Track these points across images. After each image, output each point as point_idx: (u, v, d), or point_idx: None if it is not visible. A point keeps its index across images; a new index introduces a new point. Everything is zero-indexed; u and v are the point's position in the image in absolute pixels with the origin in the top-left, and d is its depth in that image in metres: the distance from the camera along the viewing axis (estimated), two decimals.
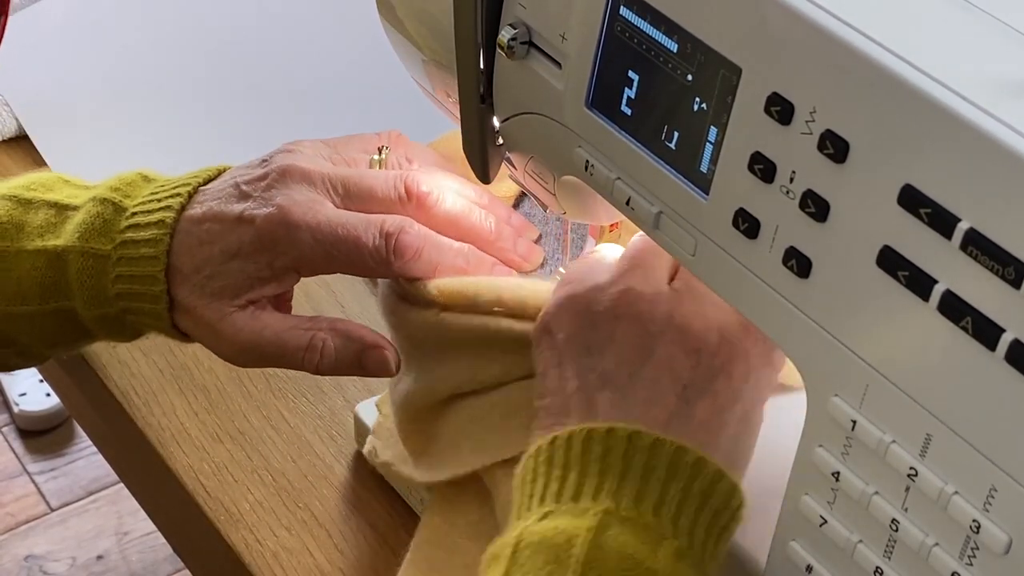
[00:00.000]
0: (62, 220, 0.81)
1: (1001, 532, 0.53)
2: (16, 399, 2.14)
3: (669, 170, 0.63)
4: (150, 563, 1.99)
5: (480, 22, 0.69)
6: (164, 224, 0.78)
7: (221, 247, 0.77)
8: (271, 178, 0.78)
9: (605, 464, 0.64)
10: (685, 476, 0.64)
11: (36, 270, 0.80)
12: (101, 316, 0.80)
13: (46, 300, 0.81)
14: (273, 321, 0.78)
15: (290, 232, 0.76)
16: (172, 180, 0.81)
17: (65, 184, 0.84)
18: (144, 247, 0.79)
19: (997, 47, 0.54)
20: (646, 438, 0.64)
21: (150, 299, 0.79)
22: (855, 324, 0.57)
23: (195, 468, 0.87)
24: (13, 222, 0.81)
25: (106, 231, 0.80)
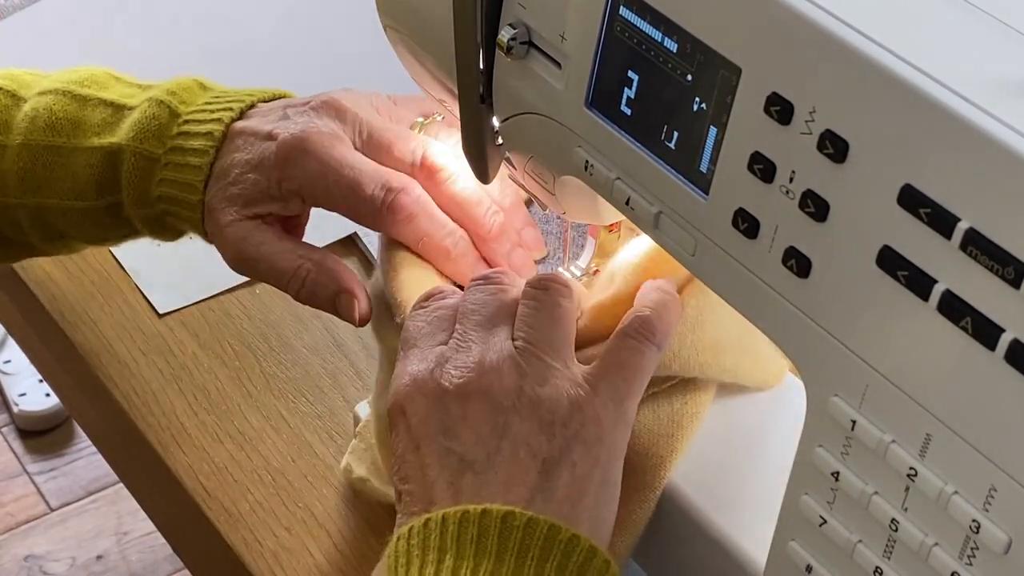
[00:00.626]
0: (118, 119, 0.84)
1: (1001, 532, 0.53)
2: (16, 399, 2.14)
3: (669, 170, 0.63)
4: (150, 563, 1.99)
5: (480, 22, 0.69)
6: (212, 136, 0.81)
7: (247, 157, 0.80)
8: (311, 105, 0.81)
9: (480, 546, 0.64)
10: (560, 554, 0.64)
11: (91, 167, 0.83)
12: (144, 215, 0.83)
13: (101, 196, 0.84)
14: (272, 238, 0.80)
15: (302, 157, 0.78)
16: (228, 92, 0.84)
17: (117, 82, 0.86)
18: (191, 155, 0.81)
19: (997, 47, 0.54)
20: (520, 518, 0.64)
21: (187, 206, 0.81)
22: (855, 324, 0.57)
23: (195, 468, 0.87)
24: (69, 118, 0.84)
25: (160, 134, 0.82)
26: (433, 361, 0.70)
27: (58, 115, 0.84)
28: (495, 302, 0.72)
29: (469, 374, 0.69)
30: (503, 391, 0.68)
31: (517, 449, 0.67)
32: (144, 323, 0.96)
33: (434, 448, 0.68)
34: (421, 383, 0.69)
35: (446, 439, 0.67)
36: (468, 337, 0.71)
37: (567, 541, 0.64)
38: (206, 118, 0.82)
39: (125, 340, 0.95)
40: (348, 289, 0.79)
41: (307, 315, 0.96)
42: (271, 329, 0.95)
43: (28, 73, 0.88)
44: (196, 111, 0.83)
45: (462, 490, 0.66)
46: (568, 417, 0.68)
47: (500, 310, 0.72)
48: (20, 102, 0.85)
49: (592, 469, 0.68)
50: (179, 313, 0.97)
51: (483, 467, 0.67)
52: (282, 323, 0.96)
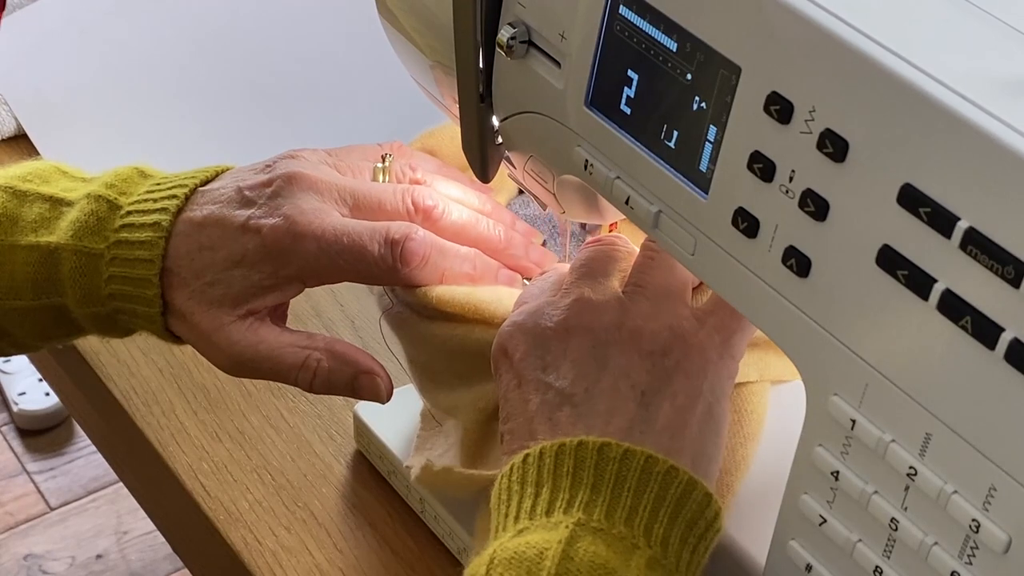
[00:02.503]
0: (56, 216, 0.80)
1: (1000, 531, 0.53)
2: (15, 398, 2.14)
3: (668, 169, 0.63)
4: (149, 562, 1.99)
5: (479, 21, 0.69)
6: (160, 227, 0.78)
7: (224, 254, 0.77)
8: (276, 185, 0.77)
9: (576, 477, 0.64)
10: (657, 485, 0.64)
11: (29, 265, 0.80)
12: (93, 314, 0.80)
13: (38, 296, 0.80)
14: (270, 336, 0.77)
15: (296, 242, 0.75)
16: (169, 178, 0.81)
17: (62, 176, 0.83)
18: (139, 249, 0.78)
19: (997, 46, 0.54)
20: (616, 449, 0.64)
21: (143, 302, 0.78)
22: (854, 323, 0.57)
23: (194, 467, 0.87)
24: (8, 215, 0.80)
25: (100, 230, 0.79)
26: (537, 308, 0.70)
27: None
28: (603, 256, 0.72)
29: (570, 311, 0.69)
30: (603, 326, 0.68)
31: (616, 381, 0.67)
32: None
33: (534, 384, 0.67)
34: (522, 324, 0.69)
35: (546, 374, 0.67)
36: (573, 284, 0.71)
37: (664, 473, 0.64)
38: (150, 207, 0.79)
39: (125, 340, 0.95)
40: (367, 369, 0.78)
41: (307, 315, 0.96)
42: None
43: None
44: (138, 201, 0.79)
45: (560, 423, 0.66)
46: (669, 347, 0.67)
47: (609, 263, 0.72)
48: None
49: (694, 401, 0.67)
50: None
51: (582, 400, 0.66)
52: None
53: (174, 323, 0.79)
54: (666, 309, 0.69)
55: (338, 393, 0.78)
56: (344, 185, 0.78)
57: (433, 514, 0.82)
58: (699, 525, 0.64)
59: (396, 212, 0.78)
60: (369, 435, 0.86)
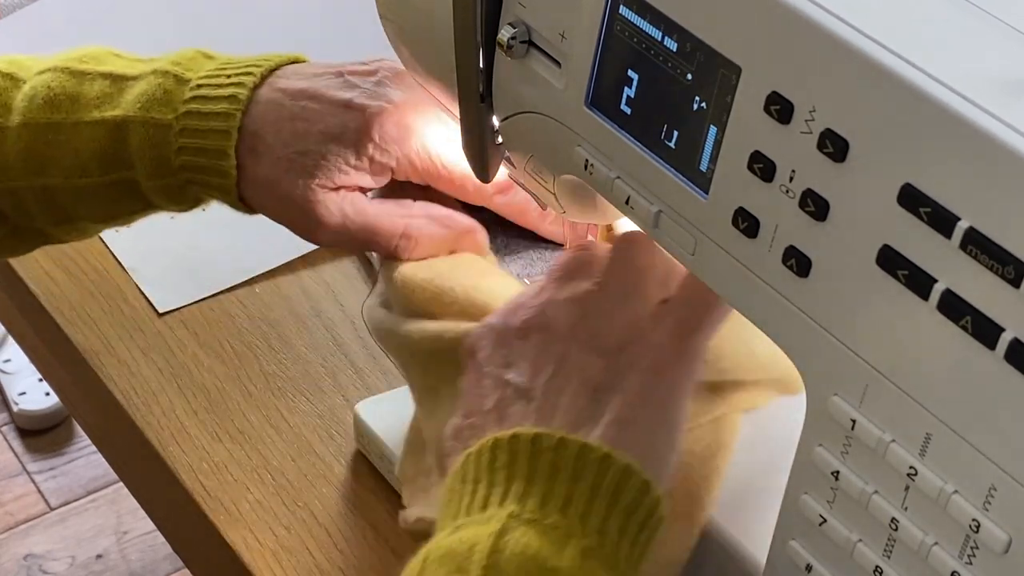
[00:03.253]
0: (119, 90, 0.80)
1: (1001, 531, 0.53)
2: (15, 398, 2.14)
3: (669, 169, 0.63)
4: (149, 562, 1.99)
5: (480, 21, 0.69)
6: (236, 99, 0.78)
7: (321, 127, 0.77)
8: (381, 75, 0.78)
9: (511, 471, 0.63)
10: (592, 474, 0.63)
11: (95, 141, 0.80)
12: (164, 186, 0.80)
13: (106, 171, 0.80)
14: (367, 206, 0.78)
15: (403, 133, 0.77)
16: (239, 59, 0.81)
17: (116, 58, 0.83)
18: (213, 120, 0.78)
19: (997, 46, 0.54)
20: (549, 439, 0.63)
21: (218, 173, 0.78)
22: (855, 323, 0.57)
23: (194, 467, 0.87)
24: (67, 93, 0.81)
25: (168, 101, 0.79)
26: (509, 309, 0.71)
27: (56, 91, 0.81)
28: (576, 260, 0.73)
29: (534, 311, 0.69)
30: (563, 324, 0.68)
31: (570, 377, 0.67)
32: (144, 322, 0.96)
33: (493, 380, 0.68)
34: (491, 326, 0.70)
35: (506, 371, 0.68)
36: (543, 286, 0.71)
37: (600, 460, 0.63)
38: (223, 81, 0.79)
39: (125, 339, 0.95)
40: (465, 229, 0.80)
41: (307, 315, 0.96)
42: (271, 328, 0.95)
43: (29, 57, 0.85)
44: (208, 76, 0.79)
45: (511, 418, 0.66)
46: (625, 344, 0.67)
47: (581, 266, 0.72)
48: (19, 83, 0.83)
49: (647, 398, 0.66)
50: (179, 312, 0.97)
51: (536, 395, 0.67)
52: (282, 322, 0.96)
53: (252, 193, 0.79)
54: (627, 307, 0.69)
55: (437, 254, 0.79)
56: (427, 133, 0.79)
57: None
58: (639, 514, 0.63)
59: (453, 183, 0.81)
60: (369, 435, 0.86)
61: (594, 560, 0.61)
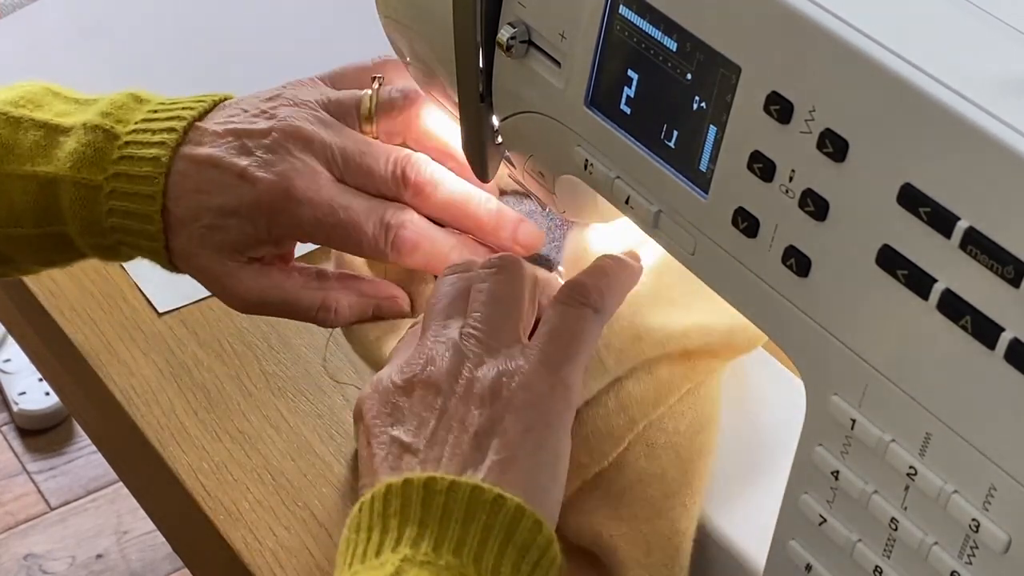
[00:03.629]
0: (52, 144, 0.80)
1: (1000, 531, 0.53)
2: (15, 398, 2.14)
3: (668, 169, 0.63)
4: (149, 562, 1.99)
5: (480, 21, 0.69)
6: (159, 162, 0.78)
7: (220, 201, 0.77)
8: (273, 137, 0.78)
9: (404, 515, 0.64)
10: (484, 514, 0.63)
11: (28, 195, 0.80)
12: (95, 244, 0.80)
13: (40, 224, 0.80)
14: (282, 279, 0.79)
15: (291, 205, 0.77)
16: (165, 105, 0.80)
17: (54, 98, 0.83)
18: (140, 183, 0.78)
19: (997, 45, 0.54)
20: (442, 482, 0.64)
21: (146, 236, 0.79)
22: (854, 323, 0.57)
23: (194, 467, 0.87)
24: (2, 142, 0.80)
25: (98, 160, 0.78)
26: (393, 365, 0.71)
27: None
28: (453, 292, 0.73)
29: (414, 367, 0.70)
30: (442, 377, 0.69)
31: (451, 427, 0.67)
32: (144, 322, 0.96)
33: (381, 439, 0.68)
34: (376, 383, 0.71)
35: (392, 428, 0.68)
36: (424, 332, 0.72)
37: (492, 501, 0.64)
38: (148, 139, 0.79)
39: (125, 339, 0.95)
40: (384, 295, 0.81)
41: None
42: (271, 328, 0.95)
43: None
44: (135, 130, 0.79)
45: (400, 470, 0.67)
46: (499, 388, 0.68)
47: (457, 299, 0.73)
48: None
49: (524, 435, 0.67)
50: (179, 312, 0.96)
51: (421, 449, 0.67)
52: (282, 322, 0.96)
53: (179, 262, 0.80)
54: (498, 349, 0.70)
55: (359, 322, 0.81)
56: (337, 145, 0.78)
57: None
58: (532, 552, 0.64)
59: (384, 180, 0.79)
60: None
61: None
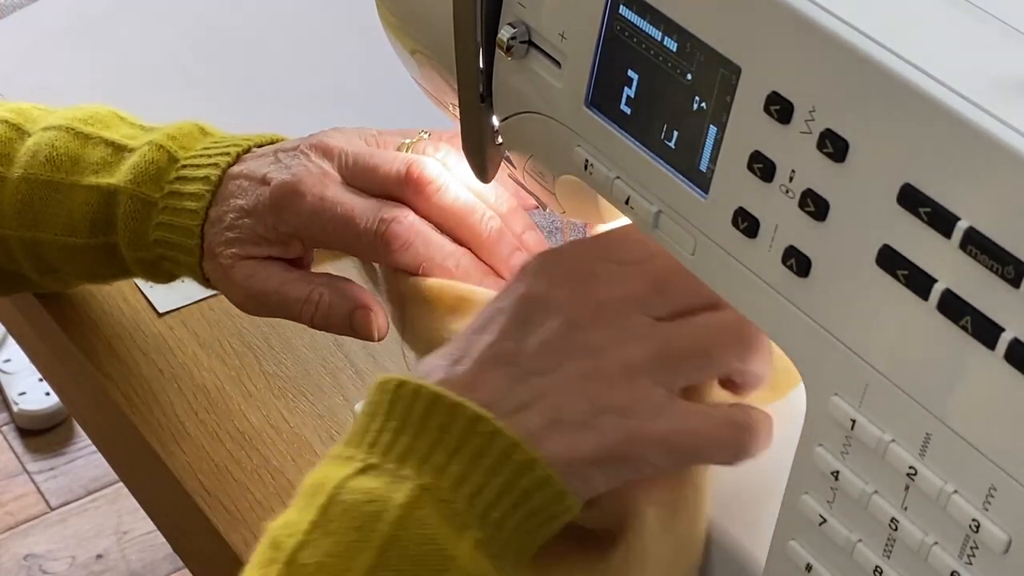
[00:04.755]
0: (118, 160, 0.84)
1: (1001, 531, 0.53)
2: (16, 398, 2.14)
3: (668, 169, 0.63)
4: (149, 562, 2.00)
5: (480, 21, 0.69)
6: (208, 180, 0.82)
7: (242, 203, 0.81)
8: (300, 148, 0.82)
9: (439, 436, 0.64)
10: (509, 472, 0.63)
11: (88, 205, 0.84)
12: (139, 259, 0.84)
13: (95, 235, 0.85)
14: (279, 271, 0.81)
15: (295, 200, 0.79)
16: (226, 138, 0.85)
17: (120, 122, 0.87)
18: (188, 200, 0.82)
19: (997, 46, 0.54)
20: (487, 424, 0.64)
21: (184, 250, 0.82)
22: (854, 323, 0.57)
23: (194, 467, 0.87)
24: (69, 155, 0.85)
25: (157, 178, 0.83)
26: None
27: (59, 151, 0.85)
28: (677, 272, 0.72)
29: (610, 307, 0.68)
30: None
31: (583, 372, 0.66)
32: (144, 322, 0.96)
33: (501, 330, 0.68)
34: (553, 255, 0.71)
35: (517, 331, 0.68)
36: None
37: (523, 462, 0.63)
38: (203, 163, 0.83)
39: (125, 340, 0.95)
40: (362, 305, 0.81)
41: None
42: (271, 328, 0.95)
43: (35, 108, 0.89)
44: (194, 156, 0.84)
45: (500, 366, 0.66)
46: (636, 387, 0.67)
47: None
48: (24, 136, 0.87)
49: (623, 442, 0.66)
50: (179, 312, 0.97)
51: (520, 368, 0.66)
52: (282, 322, 0.96)
53: (205, 265, 0.83)
54: None
55: (335, 329, 0.82)
56: (351, 150, 0.82)
57: None
58: (540, 515, 0.64)
59: (387, 177, 0.80)
60: None
61: (483, 552, 0.62)
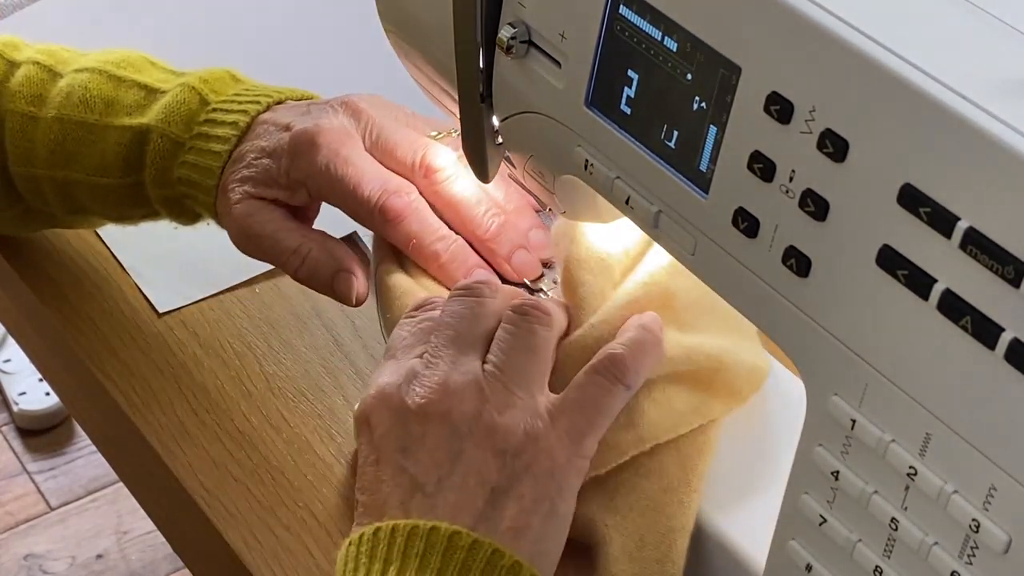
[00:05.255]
0: (151, 102, 0.86)
1: (1001, 531, 0.53)
2: (16, 398, 2.14)
3: (668, 169, 0.63)
4: (149, 562, 1.99)
5: (480, 21, 0.69)
6: (237, 126, 0.83)
7: (263, 144, 0.82)
8: (331, 104, 0.83)
9: (424, 560, 0.65)
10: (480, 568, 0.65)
11: (120, 145, 0.85)
12: (164, 196, 0.86)
13: (125, 175, 0.86)
14: (278, 218, 0.82)
15: (311, 149, 0.80)
16: (258, 87, 0.87)
17: (152, 66, 0.88)
18: (214, 142, 0.83)
19: (997, 46, 0.54)
20: (466, 539, 0.65)
21: (204, 189, 0.84)
22: (854, 323, 0.57)
23: (194, 467, 0.87)
24: (103, 97, 0.86)
25: (188, 119, 0.84)
26: (403, 375, 0.71)
27: (92, 93, 0.86)
28: (470, 316, 0.73)
29: (432, 395, 0.69)
30: (461, 416, 0.69)
31: (468, 476, 0.68)
32: (144, 323, 0.96)
33: (391, 465, 0.69)
34: (387, 397, 0.70)
35: (403, 458, 0.69)
36: (438, 354, 0.72)
37: (509, 568, 0.65)
38: (233, 108, 0.84)
39: (125, 339, 0.95)
40: (347, 268, 0.81)
41: (307, 315, 0.96)
42: (271, 329, 0.95)
43: (66, 50, 0.90)
44: (225, 101, 0.85)
45: (411, 510, 0.67)
46: (521, 448, 0.68)
47: (475, 326, 0.72)
48: (56, 77, 0.87)
49: (539, 502, 0.68)
50: (179, 312, 0.96)
51: (433, 490, 0.68)
52: (282, 323, 0.96)
53: (217, 201, 0.84)
54: (521, 401, 0.70)
55: (317, 287, 0.83)
56: (378, 121, 0.83)
57: None
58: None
59: (403, 161, 0.82)
60: None
61: None
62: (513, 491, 0.68)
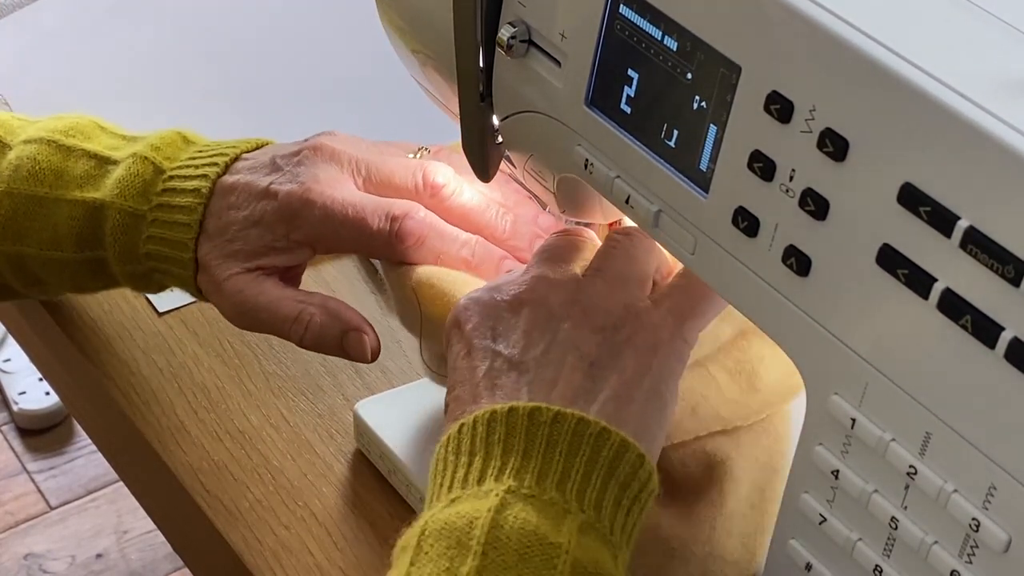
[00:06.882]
0: (102, 174, 0.84)
1: (1000, 530, 0.53)
2: (16, 398, 2.14)
3: (668, 168, 0.63)
4: (149, 562, 1.99)
5: (480, 20, 0.69)
6: (199, 193, 0.82)
7: (246, 214, 0.81)
8: (303, 154, 0.82)
9: (507, 444, 0.64)
10: (588, 448, 0.63)
11: (73, 220, 0.84)
12: (129, 272, 0.84)
13: (81, 249, 0.84)
14: (271, 288, 0.81)
15: (305, 208, 0.79)
16: (211, 146, 0.84)
17: (102, 132, 0.87)
18: (179, 213, 0.82)
19: (997, 45, 0.54)
20: (546, 413, 0.64)
21: (178, 264, 0.82)
22: (854, 322, 0.57)
23: (194, 466, 0.87)
24: (52, 168, 0.84)
25: (144, 191, 0.82)
26: (495, 285, 0.71)
27: (41, 164, 0.84)
28: (567, 244, 0.73)
29: (525, 287, 0.69)
30: (557, 300, 0.68)
31: (565, 351, 0.67)
32: (144, 322, 0.96)
33: (483, 351, 0.68)
34: (477, 298, 0.70)
35: (495, 343, 0.68)
36: (534, 265, 0.72)
37: (597, 435, 0.63)
38: (191, 174, 0.82)
39: (125, 339, 0.95)
40: (354, 327, 0.80)
41: None
42: None
43: (15, 118, 0.88)
44: (181, 166, 0.83)
45: (504, 388, 0.66)
46: (621, 323, 0.67)
47: (572, 251, 0.72)
48: (5, 149, 0.86)
49: (641, 376, 0.67)
50: (179, 312, 0.97)
51: (529, 367, 0.67)
52: None
53: (199, 277, 0.82)
54: (621, 291, 0.69)
55: (326, 350, 0.81)
56: (362, 157, 0.81)
57: None
58: (632, 487, 0.64)
59: (405, 186, 0.81)
60: (369, 435, 0.86)
61: (592, 535, 0.62)
62: (614, 364, 0.66)
